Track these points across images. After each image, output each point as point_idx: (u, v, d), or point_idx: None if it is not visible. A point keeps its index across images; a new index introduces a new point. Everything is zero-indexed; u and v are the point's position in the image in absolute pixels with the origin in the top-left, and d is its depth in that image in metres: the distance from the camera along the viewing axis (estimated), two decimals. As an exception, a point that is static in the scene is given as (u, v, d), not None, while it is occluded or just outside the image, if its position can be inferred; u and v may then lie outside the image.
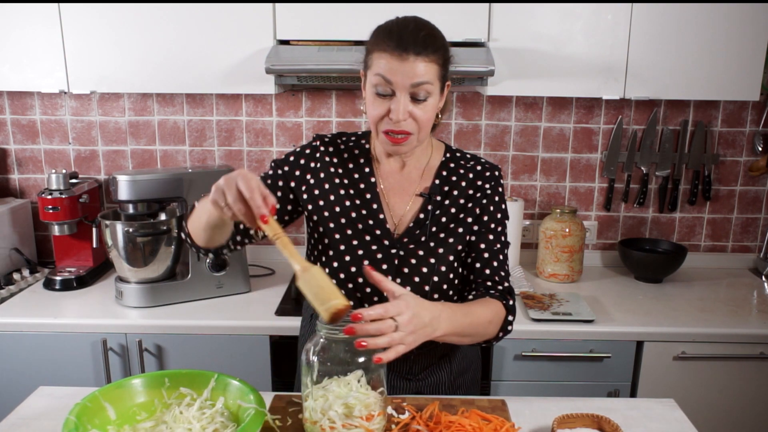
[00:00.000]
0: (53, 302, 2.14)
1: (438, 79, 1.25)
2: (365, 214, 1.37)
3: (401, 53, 1.20)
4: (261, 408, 1.13)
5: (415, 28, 1.23)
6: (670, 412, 1.34)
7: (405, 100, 1.23)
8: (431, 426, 1.19)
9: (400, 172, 1.41)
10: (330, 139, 1.43)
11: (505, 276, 1.39)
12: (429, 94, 1.24)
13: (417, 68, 1.21)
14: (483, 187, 1.40)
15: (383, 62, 1.22)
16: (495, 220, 1.40)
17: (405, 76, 1.21)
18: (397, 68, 1.21)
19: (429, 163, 1.41)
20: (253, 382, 1.24)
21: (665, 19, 2.04)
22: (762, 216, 2.56)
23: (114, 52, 2.09)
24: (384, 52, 1.22)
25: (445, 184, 1.40)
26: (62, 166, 2.53)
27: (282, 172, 1.41)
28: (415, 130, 1.27)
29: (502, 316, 1.33)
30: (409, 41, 1.21)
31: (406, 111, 1.24)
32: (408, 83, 1.22)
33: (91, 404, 1.14)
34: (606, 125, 2.47)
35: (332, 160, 1.40)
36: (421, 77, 1.22)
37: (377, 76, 1.23)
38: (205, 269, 2.16)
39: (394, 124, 1.25)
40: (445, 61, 1.27)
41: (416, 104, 1.24)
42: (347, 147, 1.42)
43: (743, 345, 1.99)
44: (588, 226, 2.55)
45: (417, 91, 1.23)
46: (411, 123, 1.26)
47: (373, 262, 1.33)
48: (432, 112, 1.27)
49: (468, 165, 1.42)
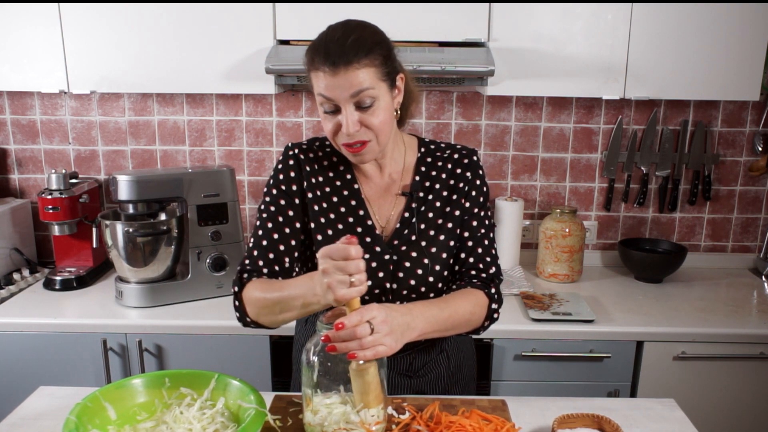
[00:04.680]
0: (53, 302, 2.14)
1: (380, 80, 1.22)
2: (352, 222, 1.36)
3: (332, 68, 1.18)
4: (261, 408, 1.13)
5: (342, 36, 1.20)
6: (670, 412, 1.34)
7: (351, 111, 1.21)
8: (431, 426, 1.19)
9: (379, 176, 1.39)
10: (306, 146, 1.40)
11: (490, 261, 1.38)
12: (374, 98, 1.22)
13: (352, 78, 1.18)
14: (464, 175, 1.39)
15: (320, 81, 1.21)
16: (478, 204, 1.39)
17: (342, 89, 1.19)
18: (332, 84, 1.19)
19: (405, 160, 1.41)
20: (253, 382, 1.24)
21: (665, 19, 2.04)
22: (762, 216, 2.56)
23: (114, 52, 2.09)
24: (318, 70, 1.20)
25: (426, 179, 1.39)
26: (62, 166, 2.52)
27: (286, 189, 1.36)
28: (372, 137, 1.25)
29: (484, 305, 1.32)
30: (336, 53, 1.18)
31: (355, 122, 1.22)
32: (347, 95, 1.19)
33: (91, 404, 1.14)
34: (606, 125, 2.47)
35: (313, 168, 1.38)
36: (359, 86, 1.19)
37: (319, 96, 1.23)
38: (205, 269, 2.16)
39: (347, 137, 1.24)
40: (384, 58, 1.23)
41: (364, 112, 1.22)
42: (325, 154, 1.40)
43: (743, 345, 1.99)
44: (588, 226, 2.55)
45: (360, 99, 1.21)
46: (365, 132, 1.24)
47: (368, 272, 1.30)
48: (385, 114, 1.24)
49: (445, 155, 1.41)
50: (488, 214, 1.42)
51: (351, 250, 1.05)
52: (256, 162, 2.52)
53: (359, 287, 1.06)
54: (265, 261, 1.32)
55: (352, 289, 1.06)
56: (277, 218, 1.35)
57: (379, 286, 1.33)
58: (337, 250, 1.05)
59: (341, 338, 1.06)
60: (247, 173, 2.53)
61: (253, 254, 1.33)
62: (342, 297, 1.06)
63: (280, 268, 1.33)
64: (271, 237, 1.33)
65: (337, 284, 1.05)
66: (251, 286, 1.27)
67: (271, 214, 1.35)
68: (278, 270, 1.32)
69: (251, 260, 1.33)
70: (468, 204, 1.38)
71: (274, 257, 1.32)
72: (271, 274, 1.32)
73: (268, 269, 1.32)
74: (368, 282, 1.31)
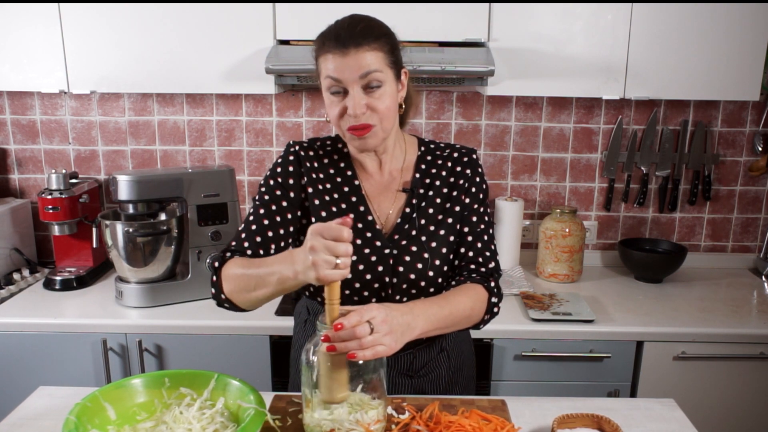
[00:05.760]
0: (53, 302, 2.14)
1: (387, 66, 1.25)
2: (353, 218, 1.36)
3: (342, 49, 1.22)
4: (261, 408, 1.13)
5: (351, 23, 1.24)
6: (670, 412, 1.34)
7: (359, 93, 1.24)
8: (431, 426, 1.19)
9: (380, 173, 1.40)
10: (307, 144, 1.42)
11: (490, 256, 1.39)
12: (381, 81, 1.24)
13: (361, 59, 1.22)
14: (464, 173, 1.41)
15: (329, 63, 1.23)
16: (477, 200, 1.40)
17: (351, 70, 1.22)
18: (342, 65, 1.22)
19: (406, 159, 1.42)
20: (253, 382, 1.24)
21: (665, 19, 2.04)
22: (762, 216, 2.56)
23: (114, 52, 2.09)
24: (327, 53, 1.24)
25: (426, 176, 1.40)
26: (62, 166, 2.52)
27: (283, 181, 1.37)
28: (377, 121, 1.27)
29: (484, 300, 1.33)
30: (347, 36, 1.22)
31: (362, 104, 1.24)
32: (356, 75, 1.22)
33: (91, 404, 1.14)
34: (606, 125, 2.47)
35: (313, 165, 1.39)
36: (368, 67, 1.22)
37: (327, 78, 1.25)
38: (205, 269, 2.16)
39: (353, 119, 1.25)
40: (391, 47, 1.27)
41: (371, 94, 1.24)
42: (325, 151, 1.41)
43: (743, 345, 1.99)
44: (588, 226, 2.55)
45: (368, 81, 1.23)
46: (370, 115, 1.26)
47: (367, 266, 1.33)
48: (390, 100, 1.27)
49: (444, 154, 1.43)
50: (488, 210, 1.43)
51: (344, 231, 1.05)
52: (256, 162, 2.52)
53: (343, 271, 1.06)
54: (251, 243, 1.33)
55: (336, 272, 1.06)
56: (271, 206, 1.36)
57: (378, 281, 1.33)
58: (330, 229, 1.05)
59: (341, 338, 1.06)
60: (247, 173, 2.53)
61: (241, 236, 1.35)
62: (324, 277, 1.06)
63: (264, 253, 1.33)
64: (262, 222, 1.34)
65: (322, 263, 1.05)
66: (231, 263, 1.29)
67: (264, 202, 1.36)
68: (262, 254, 1.33)
69: (237, 241, 1.34)
70: (468, 200, 1.40)
71: (261, 241, 1.33)
72: (254, 257, 1.32)
73: (252, 251, 1.32)
74: (359, 283, 1.32)
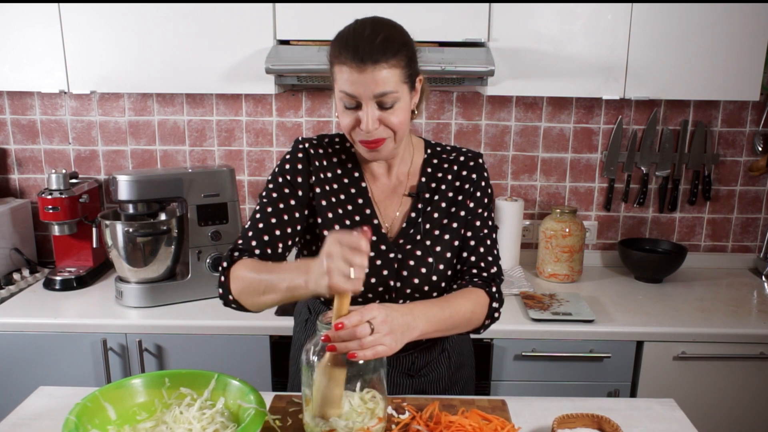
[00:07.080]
0: (53, 302, 2.14)
1: (403, 82, 1.23)
2: (359, 220, 1.36)
3: (359, 65, 1.18)
4: (261, 408, 1.13)
5: (371, 33, 1.19)
6: (670, 412, 1.34)
7: (372, 109, 1.21)
8: (431, 426, 1.19)
9: (387, 176, 1.40)
10: (316, 141, 1.40)
11: (492, 261, 1.38)
12: (396, 99, 1.22)
13: (378, 77, 1.18)
14: (470, 177, 1.40)
15: (345, 76, 1.20)
16: (482, 205, 1.40)
17: (367, 87, 1.19)
18: (358, 81, 1.19)
19: (413, 162, 1.41)
20: (253, 382, 1.24)
21: (665, 19, 2.04)
22: (762, 216, 2.56)
23: (114, 52, 2.09)
24: (343, 65, 1.20)
25: (432, 180, 1.40)
26: (62, 166, 2.52)
27: (291, 179, 1.36)
28: (390, 135, 1.26)
29: (485, 304, 1.33)
30: (366, 50, 1.17)
31: (375, 120, 1.22)
32: (371, 94, 1.20)
33: (91, 404, 1.14)
34: (606, 125, 2.47)
35: (322, 164, 1.38)
36: (384, 87, 1.19)
37: (341, 92, 1.22)
38: (205, 269, 2.16)
39: (365, 134, 1.24)
40: (408, 60, 1.23)
41: (385, 111, 1.22)
42: (334, 150, 1.40)
43: (743, 345, 1.99)
44: (588, 226, 2.55)
45: (383, 100, 1.21)
46: (383, 129, 1.24)
47: (372, 269, 1.32)
48: (404, 114, 1.25)
49: (451, 157, 1.42)
50: (492, 216, 1.42)
51: (363, 242, 1.05)
52: (256, 162, 2.52)
53: (355, 284, 1.05)
54: (259, 242, 1.31)
55: (348, 283, 1.05)
56: (278, 204, 1.34)
57: (383, 284, 1.33)
58: (349, 239, 1.05)
59: (341, 338, 1.06)
60: (247, 173, 2.53)
61: (248, 235, 1.33)
62: (336, 286, 1.04)
63: (272, 251, 1.32)
64: (269, 221, 1.33)
65: (336, 271, 1.04)
66: (241, 264, 1.27)
67: (272, 200, 1.35)
68: (270, 253, 1.32)
69: (245, 240, 1.32)
70: (472, 204, 1.39)
71: (268, 239, 1.32)
72: (262, 256, 1.31)
73: (260, 251, 1.31)
74: (363, 286, 1.31)
